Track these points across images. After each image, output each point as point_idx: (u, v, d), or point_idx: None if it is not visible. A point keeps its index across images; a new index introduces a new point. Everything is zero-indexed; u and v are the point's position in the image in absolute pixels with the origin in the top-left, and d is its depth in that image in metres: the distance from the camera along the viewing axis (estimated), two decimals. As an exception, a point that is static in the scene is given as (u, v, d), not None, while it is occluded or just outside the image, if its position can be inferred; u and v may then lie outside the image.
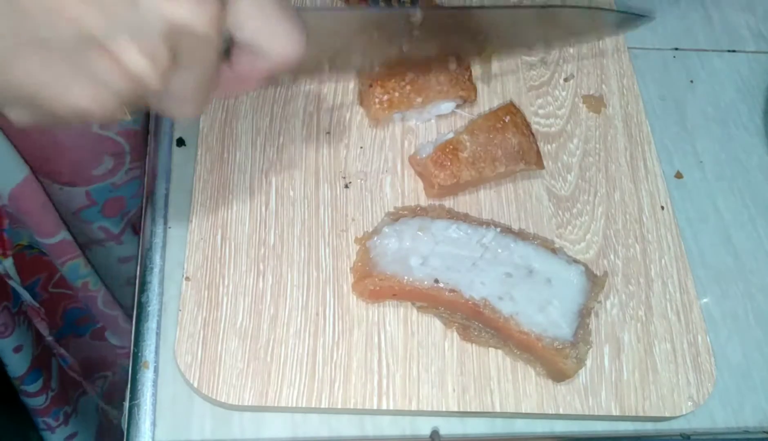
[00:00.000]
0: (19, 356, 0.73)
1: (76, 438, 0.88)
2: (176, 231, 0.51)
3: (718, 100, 0.67)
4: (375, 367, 0.46)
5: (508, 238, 0.49)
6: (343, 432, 0.46)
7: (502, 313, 0.46)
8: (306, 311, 0.48)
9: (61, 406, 0.83)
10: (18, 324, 0.71)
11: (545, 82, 0.61)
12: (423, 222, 0.49)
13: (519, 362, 0.48)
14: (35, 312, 0.72)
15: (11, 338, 0.71)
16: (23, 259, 0.68)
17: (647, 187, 0.57)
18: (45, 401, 0.80)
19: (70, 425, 0.86)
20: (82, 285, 0.74)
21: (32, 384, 0.77)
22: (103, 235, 0.73)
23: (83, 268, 0.72)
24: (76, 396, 0.88)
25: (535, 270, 0.48)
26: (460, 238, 0.49)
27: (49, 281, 0.74)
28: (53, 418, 0.83)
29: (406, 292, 0.47)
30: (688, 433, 0.49)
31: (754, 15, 0.74)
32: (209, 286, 0.48)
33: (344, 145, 0.55)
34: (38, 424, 0.83)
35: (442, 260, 0.47)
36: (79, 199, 0.67)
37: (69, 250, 0.69)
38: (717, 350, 0.52)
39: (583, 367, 0.47)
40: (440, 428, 0.47)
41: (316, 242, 0.51)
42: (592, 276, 0.49)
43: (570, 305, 0.47)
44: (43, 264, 0.71)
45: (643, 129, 0.60)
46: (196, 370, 0.45)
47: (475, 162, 0.52)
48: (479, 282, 0.47)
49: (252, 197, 0.52)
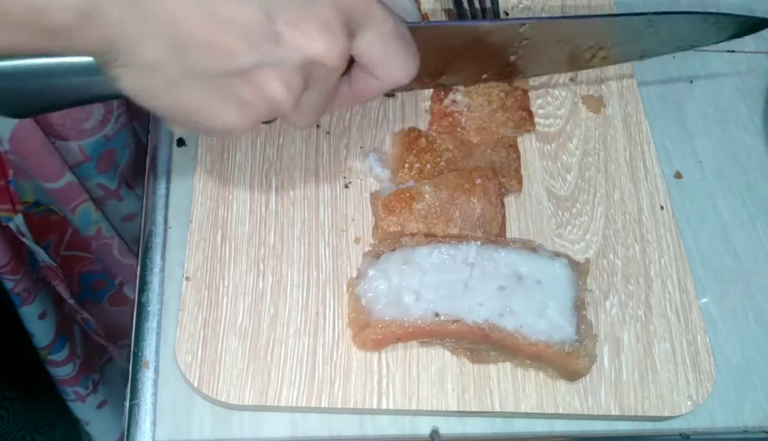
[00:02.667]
0: (44, 323, 0.74)
1: (106, 406, 0.88)
2: (176, 231, 0.52)
3: (718, 101, 0.67)
4: (375, 367, 0.47)
5: (490, 249, 0.48)
6: (343, 432, 0.46)
7: (507, 330, 0.45)
8: (306, 311, 0.48)
9: (89, 374, 0.84)
10: (39, 290, 0.72)
11: (545, 82, 0.61)
12: (405, 254, 0.48)
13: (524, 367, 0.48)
14: (53, 273, 0.72)
15: (35, 305, 0.71)
16: (32, 219, 0.68)
17: (647, 187, 0.57)
18: (73, 370, 0.80)
19: (99, 392, 0.86)
20: (96, 232, 0.74)
21: (59, 352, 0.77)
22: (102, 193, 0.73)
23: (94, 213, 0.72)
24: (101, 364, 0.88)
25: (523, 275, 0.48)
26: (444, 261, 0.47)
27: (60, 244, 0.74)
28: (83, 386, 0.83)
29: (409, 334, 0.46)
30: (687, 433, 0.49)
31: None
32: (209, 286, 0.48)
33: (344, 145, 0.55)
34: (68, 395, 0.83)
35: (434, 290, 0.46)
36: (74, 154, 0.67)
37: (77, 193, 0.69)
38: (716, 350, 0.52)
39: (596, 361, 0.47)
40: (440, 428, 0.47)
41: (316, 242, 0.51)
42: (575, 265, 0.49)
43: (564, 301, 0.47)
44: (53, 224, 0.71)
45: (642, 129, 0.60)
46: (196, 369, 0.45)
47: (428, 217, 0.50)
48: (477, 303, 0.46)
49: (252, 197, 0.52)
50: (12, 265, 0.67)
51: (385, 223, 0.50)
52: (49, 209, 0.70)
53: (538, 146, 0.58)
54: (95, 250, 0.77)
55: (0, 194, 0.64)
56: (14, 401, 0.80)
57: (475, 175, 0.51)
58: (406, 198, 0.50)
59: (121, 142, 0.70)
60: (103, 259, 0.78)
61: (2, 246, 0.66)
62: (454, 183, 0.50)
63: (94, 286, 0.82)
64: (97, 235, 0.74)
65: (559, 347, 0.46)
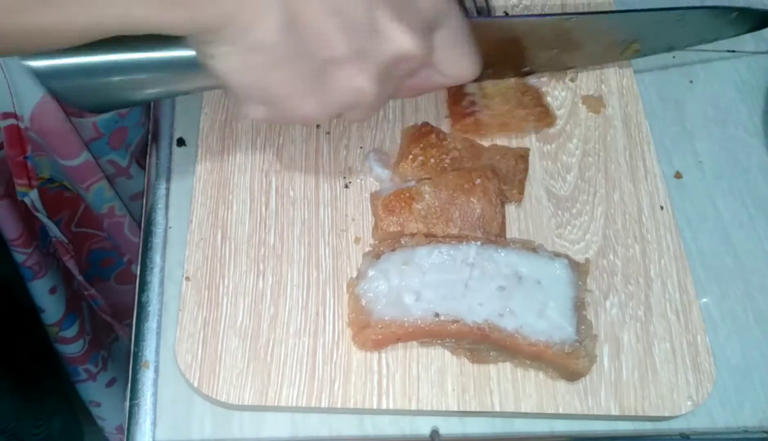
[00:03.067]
0: (54, 298, 0.74)
1: (116, 384, 0.88)
2: (176, 231, 0.52)
3: (718, 101, 0.67)
4: (375, 367, 0.47)
5: (490, 250, 0.48)
6: (343, 432, 0.46)
7: (507, 331, 0.45)
8: (306, 311, 0.48)
9: (98, 351, 0.84)
10: (49, 265, 0.72)
11: (545, 82, 0.61)
12: (405, 254, 0.48)
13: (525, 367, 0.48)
14: (64, 249, 0.72)
15: (45, 279, 0.72)
16: (46, 194, 0.69)
17: (647, 187, 0.57)
18: (83, 347, 0.81)
19: (109, 370, 0.87)
20: (108, 210, 0.74)
21: (69, 328, 0.78)
22: (113, 170, 0.73)
23: (108, 191, 0.72)
24: (109, 341, 0.88)
25: (523, 275, 0.48)
26: (444, 262, 0.48)
27: (71, 221, 0.74)
28: (93, 363, 0.84)
29: (409, 334, 0.46)
30: (687, 433, 0.49)
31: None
32: (209, 286, 0.48)
33: (344, 145, 0.55)
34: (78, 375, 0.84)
35: (434, 290, 0.47)
36: (87, 130, 0.67)
37: (93, 171, 0.69)
38: (716, 350, 0.52)
39: (596, 361, 0.47)
40: (440, 428, 0.47)
41: (316, 242, 0.51)
42: (575, 266, 0.49)
43: (564, 301, 0.47)
44: (66, 201, 0.72)
45: (642, 129, 0.60)
46: (196, 369, 0.45)
47: (427, 217, 0.50)
48: (477, 304, 0.46)
49: (252, 197, 0.52)
50: (24, 238, 0.68)
51: (385, 223, 0.50)
52: (63, 186, 0.70)
53: (538, 146, 0.58)
54: (107, 228, 0.77)
55: (17, 169, 0.65)
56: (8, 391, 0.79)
57: (474, 175, 0.51)
58: (406, 198, 0.50)
59: (134, 121, 0.70)
60: (113, 237, 0.79)
61: (15, 220, 0.67)
62: (453, 183, 0.50)
63: (102, 264, 0.82)
64: (109, 213, 0.75)
65: (559, 347, 0.46)
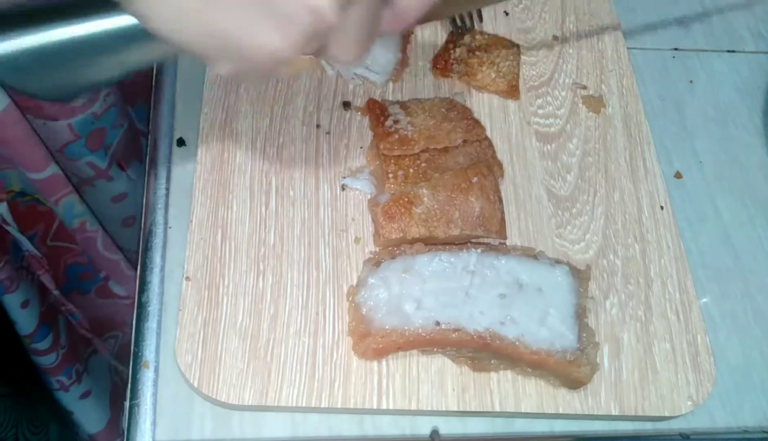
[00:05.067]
0: (26, 312, 0.73)
1: (90, 396, 0.88)
2: (176, 231, 0.52)
3: (718, 101, 0.67)
4: (375, 367, 0.47)
5: (490, 257, 0.48)
6: (343, 432, 0.46)
7: (508, 339, 0.45)
8: (306, 311, 0.48)
9: (73, 364, 0.83)
10: (22, 278, 0.71)
11: (545, 82, 0.61)
12: (405, 262, 0.47)
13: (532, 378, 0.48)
14: (38, 263, 0.71)
15: (17, 293, 0.71)
16: (17, 208, 0.68)
17: (647, 187, 0.57)
18: (56, 359, 0.80)
19: (83, 383, 0.86)
20: (80, 226, 0.73)
21: (42, 341, 0.77)
22: (92, 172, 0.72)
23: (78, 206, 0.71)
24: (86, 355, 0.87)
25: (524, 283, 0.47)
26: (445, 269, 0.47)
27: (46, 235, 0.73)
28: (66, 375, 0.83)
29: (410, 343, 0.46)
30: (687, 433, 0.49)
31: (753, 15, 0.74)
32: (209, 286, 0.48)
33: (344, 145, 0.55)
34: (51, 385, 0.83)
35: (435, 298, 0.46)
36: (63, 133, 0.66)
37: (60, 185, 0.68)
38: (716, 350, 0.52)
39: (598, 369, 0.47)
40: (440, 428, 0.47)
41: (316, 242, 0.51)
42: (576, 273, 0.49)
43: (566, 309, 0.47)
44: (40, 215, 0.71)
45: (642, 129, 0.60)
46: (196, 369, 0.45)
47: (428, 220, 0.49)
48: (478, 312, 0.46)
49: (252, 197, 0.52)
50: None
51: (386, 231, 0.49)
52: (36, 199, 0.69)
53: (538, 146, 0.58)
54: (80, 243, 0.76)
55: None
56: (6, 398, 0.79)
57: (470, 173, 0.51)
58: (405, 203, 0.49)
59: (111, 122, 0.69)
60: (87, 253, 0.78)
61: None
62: (450, 183, 0.50)
63: (81, 278, 0.81)
64: (80, 229, 0.74)
65: (561, 356, 0.45)
